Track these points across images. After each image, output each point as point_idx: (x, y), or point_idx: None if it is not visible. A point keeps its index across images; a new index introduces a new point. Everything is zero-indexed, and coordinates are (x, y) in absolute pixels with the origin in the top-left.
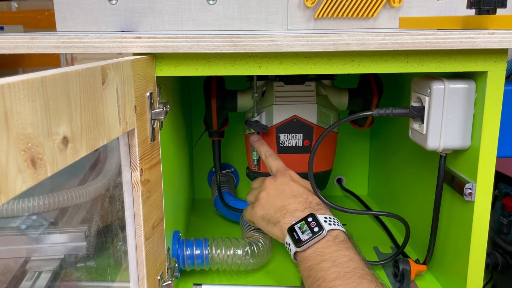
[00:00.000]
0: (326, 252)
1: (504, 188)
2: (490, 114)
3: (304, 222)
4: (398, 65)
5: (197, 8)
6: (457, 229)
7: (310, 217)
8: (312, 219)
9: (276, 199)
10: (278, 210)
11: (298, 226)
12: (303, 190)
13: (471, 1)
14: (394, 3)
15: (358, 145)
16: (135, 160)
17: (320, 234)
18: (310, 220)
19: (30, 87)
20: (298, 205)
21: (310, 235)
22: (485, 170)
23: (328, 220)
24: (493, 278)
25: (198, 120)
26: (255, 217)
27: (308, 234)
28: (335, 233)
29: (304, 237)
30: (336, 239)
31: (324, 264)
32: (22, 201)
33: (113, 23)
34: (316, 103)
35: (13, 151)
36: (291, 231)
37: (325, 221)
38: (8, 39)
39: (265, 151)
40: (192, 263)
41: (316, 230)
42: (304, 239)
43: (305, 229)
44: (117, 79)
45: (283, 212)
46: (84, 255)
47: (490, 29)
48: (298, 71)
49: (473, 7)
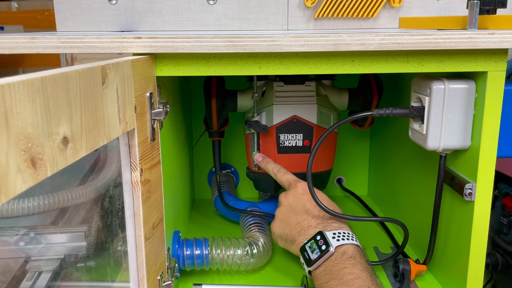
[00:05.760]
0: (334, 271)
1: (504, 188)
2: (490, 114)
3: (313, 241)
4: (398, 65)
5: (197, 8)
6: (457, 229)
7: (319, 235)
8: (320, 237)
9: (290, 217)
10: (293, 228)
11: (308, 246)
12: (323, 198)
13: None
14: (394, 3)
15: (358, 145)
16: (135, 160)
17: (327, 253)
18: (318, 238)
19: (30, 87)
20: (311, 221)
21: (319, 254)
22: (485, 170)
23: (337, 236)
24: (493, 278)
25: (198, 120)
26: (273, 237)
27: (317, 253)
28: (343, 249)
29: (314, 256)
30: (344, 255)
31: (332, 283)
32: (22, 201)
33: (113, 23)
34: (316, 103)
35: (13, 151)
36: (303, 251)
37: (333, 237)
38: (8, 39)
39: (273, 168)
40: (192, 263)
41: (323, 248)
42: (313, 258)
43: (314, 247)
44: (117, 79)
45: (298, 229)
46: (84, 255)
47: (490, 29)
48: (298, 71)
49: None
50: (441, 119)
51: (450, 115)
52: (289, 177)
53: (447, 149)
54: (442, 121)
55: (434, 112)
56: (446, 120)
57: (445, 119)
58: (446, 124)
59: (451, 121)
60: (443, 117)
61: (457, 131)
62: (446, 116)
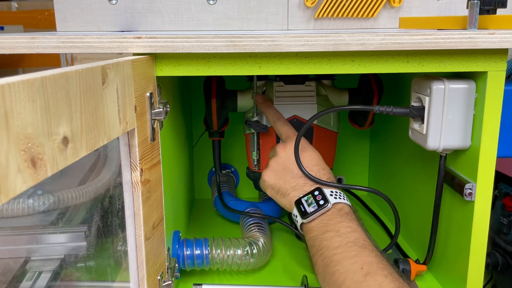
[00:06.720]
0: (330, 223)
1: (504, 188)
2: (490, 114)
3: (310, 195)
4: (398, 65)
5: (197, 8)
6: (457, 229)
7: (317, 191)
8: (319, 193)
9: (286, 171)
10: (288, 182)
11: (304, 199)
12: (314, 163)
13: None
14: (394, 3)
15: (358, 145)
16: (135, 160)
17: (325, 207)
18: (316, 194)
19: (30, 87)
20: (309, 180)
21: (316, 208)
22: (485, 170)
23: (334, 194)
24: (493, 278)
25: (198, 120)
26: (263, 184)
27: (313, 206)
28: (340, 206)
29: (310, 209)
30: (341, 211)
31: (327, 234)
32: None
33: (113, 23)
34: (316, 103)
35: (13, 151)
36: (298, 203)
37: (331, 195)
38: (8, 39)
39: (273, 115)
40: (192, 263)
41: (321, 203)
42: (309, 211)
43: (311, 202)
44: (117, 79)
45: (293, 184)
46: (84, 255)
47: (490, 29)
48: (298, 71)
49: None
50: (441, 119)
51: (450, 115)
52: (288, 129)
53: (447, 149)
54: (442, 121)
55: (434, 112)
56: (446, 120)
57: (445, 119)
58: (446, 124)
59: (451, 121)
60: (443, 117)
61: (457, 131)
62: (446, 116)
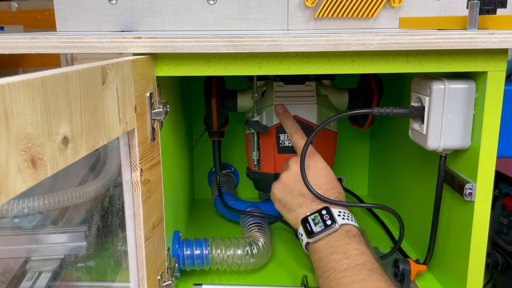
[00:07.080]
0: (338, 245)
1: (504, 188)
2: (490, 114)
3: (318, 214)
4: (398, 65)
5: (197, 8)
6: (457, 229)
7: (324, 210)
8: (326, 212)
9: (296, 185)
10: (296, 197)
11: (311, 218)
12: (324, 181)
13: None
14: (394, 3)
15: (358, 145)
16: (135, 160)
17: (332, 227)
18: (324, 213)
19: (30, 87)
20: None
21: (322, 227)
22: (485, 170)
23: (342, 215)
24: (493, 278)
25: (198, 120)
26: (272, 197)
27: (320, 226)
28: (347, 227)
29: (317, 229)
30: (349, 233)
31: (335, 256)
32: (22, 201)
33: (113, 23)
34: (316, 103)
35: (13, 151)
36: (304, 222)
37: (338, 215)
38: (8, 39)
39: (291, 127)
40: (192, 263)
41: (328, 223)
42: (316, 230)
43: (318, 221)
44: (117, 79)
45: (301, 201)
46: (84, 255)
47: (490, 29)
48: (298, 71)
49: None
50: (441, 119)
51: (450, 115)
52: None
53: (447, 149)
54: (442, 121)
55: (434, 112)
56: (446, 120)
57: (445, 119)
58: (446, 124)
59: (451, 121)
60: (443, 117)
61: (457, 131)
62: (446, 116)
